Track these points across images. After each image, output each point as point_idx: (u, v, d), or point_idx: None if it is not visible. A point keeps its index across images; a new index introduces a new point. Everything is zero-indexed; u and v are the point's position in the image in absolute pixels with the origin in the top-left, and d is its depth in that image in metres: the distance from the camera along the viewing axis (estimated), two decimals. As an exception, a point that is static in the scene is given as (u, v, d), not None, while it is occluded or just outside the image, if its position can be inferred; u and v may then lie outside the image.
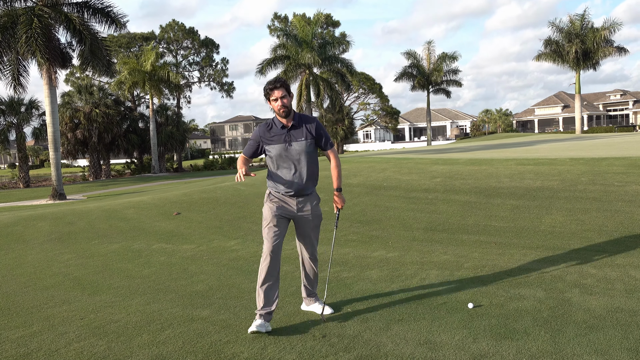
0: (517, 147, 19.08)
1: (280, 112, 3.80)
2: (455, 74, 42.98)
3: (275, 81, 3.81)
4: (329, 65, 32.37)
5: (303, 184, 3.86)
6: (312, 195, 3.98)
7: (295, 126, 3.86)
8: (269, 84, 3.82)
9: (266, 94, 3.85)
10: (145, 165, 43.30)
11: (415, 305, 4.10)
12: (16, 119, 32.55)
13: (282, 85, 3.80)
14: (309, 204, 3.94)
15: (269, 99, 3.84)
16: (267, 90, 3.83)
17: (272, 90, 3.79)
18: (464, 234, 6.66)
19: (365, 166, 12.67)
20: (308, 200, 3.95)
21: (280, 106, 3.78)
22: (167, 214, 10.30)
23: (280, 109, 3.79)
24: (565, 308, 3.84)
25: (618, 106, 73.38)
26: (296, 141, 3.83)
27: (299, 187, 3.85)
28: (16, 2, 19.96)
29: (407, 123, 78.78)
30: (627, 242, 5.72)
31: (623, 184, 7.89)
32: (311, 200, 3.96)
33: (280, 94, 3.77)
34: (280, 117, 3.83)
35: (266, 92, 3.84)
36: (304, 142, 3.84)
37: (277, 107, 3.79)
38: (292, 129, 3.85)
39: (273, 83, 3.81)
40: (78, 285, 5.57)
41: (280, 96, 3.77)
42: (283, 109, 3.79)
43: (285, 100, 3.79)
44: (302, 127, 3.87)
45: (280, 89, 3.78)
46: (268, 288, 3.74)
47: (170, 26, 47.67)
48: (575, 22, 36.97)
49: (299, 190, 3.86)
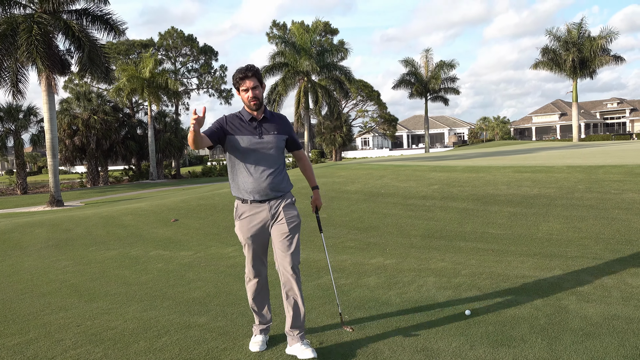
0: (514, 154, 19.13)
1: (250, 104, 3.41)
2: (453, 82, 43.15)
3: (246, 69, 3.40)
4: (327, 73, 32.51)
5: (275, 182, 3.44)
6: (286, 196, 3.54)
7: (267, 119, 3.48)
8: (239, 73, 3.40)
9: (235, 84, 3.44)
10: (143, 172, 43.27)
11: (413, 312, 4.11)
12: (14, 126, 32.56)
13: (253, 74, 3.40)
14: (282, 206, 3.48)
15: (239, 89, 3.43)
16: (236, 80, 3.42)
17: (243, 80, 3.39)
18: (461, 241, 6.67)
19: (363, 173, 12.69)
20: (282, 202, 3.50)
21: (251, 97, 3.39)
22: (164, 220, 10.29)
23: (251, 101, 3.40)
24: (562, 315, 3.85)
25: (615, 114, 73.67)
26: (268, 134, 3.44)
27: (272, 186, 3.42)
28: (16, 9, 20.03)
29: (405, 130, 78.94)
30: (624, 250, 5.74)
31: (620, 191, 7.92)
32: (285, 201, 3.51)
33: (252, 84, 3.38)
34: (250, 109, 3.44)
35: (235, 82, 3.43)
36: (277, 136, 3.47)
37: (247, 98, 3.40)
38: (264, 122, 3.47)
39: (244, 72, 3.40)
40: (75, 292, 5.56)
41: (251, 86, 3.39)
42: (254, 101, 3.40)
43: (257, 91, 3.41)
44: (274, 122, 3.50)
45: (251, 78, 3.39)
46: (259, 306, 3.60)
47: (169, 33, 47.85)
48: (572, 31, 37.20)
49: (272, 189, 3.43)
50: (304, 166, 3.77)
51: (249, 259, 3.52)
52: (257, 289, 3.58)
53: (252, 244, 3.47)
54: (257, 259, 3.52)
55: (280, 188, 3.48)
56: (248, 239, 3.46)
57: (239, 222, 3.49)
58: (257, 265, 3.54)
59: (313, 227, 7.94)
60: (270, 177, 3.42)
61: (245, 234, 3.46)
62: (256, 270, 3.54)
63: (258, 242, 3.48)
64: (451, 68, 42.03)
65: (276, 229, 3.45)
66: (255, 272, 3.53)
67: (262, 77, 3.53)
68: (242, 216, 3.47)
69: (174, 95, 40.66)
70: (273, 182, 3.43)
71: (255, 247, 3.48)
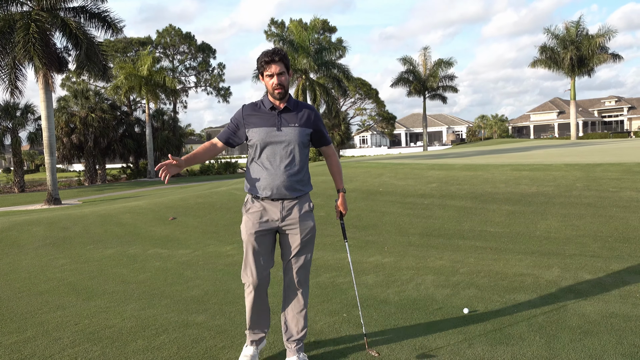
0: (512, 152, 19.15)
1: (274, 92, 3.05)
2: (451, 80, 43.15)
3: (273, 53, 3.03)
4: (325, 71, 32.49)
5: (291, 180, 3.06)
6: (302, 199, 3.16)
7: (290, 109, 3.12)
8: (265, 56, 3.02)
9: (260, 68, 3.07)
10: (141, 170, 43.21)
11: (411, 310, 4.11)
12: (11, 124, 32.47)
13: (280, 59, 3.03)
14: (297, 211, 3.11)
15: (263, 73, 3.07)
16: (261, 63, 3.04)
17: (269, 64, 3.02)
18: (459, 239, 6.67)
19: (361, 171, 12.69)
20: (297, 206, 3.12)
21: (276, 84, 3.03)
22: (162, 218, 10.27)
23: (275, 89, 3.04)
24: (560, 313, 3.85)
25: (613, 112, 73.79)
26: (288, 126, 3.07)
27: (286, 184, 3.05)
28: (13, 6, 19.96)
29: (403, 128, 78.96)
30: (622, 248, 5.75)
31: (618, 189, 7.93)
32: (301, 205, 3.14)
33: (278, 70, 3.02)
34: (274, 97, 3.08)
35: (260, 65, 3.05)
36: (298, 128, 3.08)
37: (272, 85, 3.04)
38: (285, 112, 3.11)
39: (270, 55, 3.01)
40: (73, 291, 5.55)
41: (277, 72, 3.02)
42: (278, 89, 3.03)
43: (282, 77, 3.04)
44: (299, 113, 3.13)
45: (278, 63, 3.02)
46: (257, 320, 3.24)
47: (167, 31, 47.77)
48: (570, 29, 37.23)
49: (286, 188, 3.06)
50: (332, 164, 3.38)
51: (250, 261, 3.11)
52: (257, 303, 3.16)
53: (255, 243, 3.09)
54: (258, 261, 3.11)
55: (297, 188, 3.10)
56: (251, 235, 3.09)
57: (245, 216, 3.16)
58: (259, 269, 3.11)
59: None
60: (287, 174, 3.05)
61: (249, 229, 3.10)
62: (257, 274, 3.11)
63: (262, 242, 3.11)
64: (449, 66, 42.05)
65: (288, 239, 3.13)
66: (255, 278, 3.11)
67: (289, 62, 3.12)
68: (251, 210, 3.13)
69: (172, 93, 40.57)
70: (289, 181, 3.06)
71: (258, 247, 3.10)
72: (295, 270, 3.15)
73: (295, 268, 3.15)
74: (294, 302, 3.21)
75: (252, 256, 3.11)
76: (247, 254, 3.14)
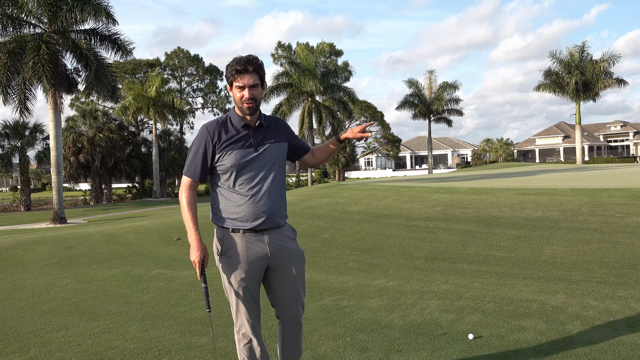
0: (518, 176, 19.11)
1: (243, 106, 2.62)
2: (457, 103, 43.35)
3: (246, 61, 2.58)
4: (331, 93, 32.81)
5: (276, 205, 2.69)
6: (285, 227, 2.79)
7: (263, 126, 2.71)
8: (238, 64, 2.57)
9: (229, 77, 2.62)
10: (146, 190, 43.39)
11: (415, 335, 4.07)
12: (20, 143, 32.83)
13: (255, 69, 2.59)
14: (286, 240, 2.75)
15: (232, 83, 2.63)
16: (232, 72, 2.60)
17: (241, 74, 2.58)
18: (464, 264, 6.64)
19: (366, 194, 12.69)
20: (284, 235, 2.76)
21: (246, 98, 2.59)
22: (167, 239, 10.28)
23: (245, 103, 2.61)
24: (567, 340, 3.81)
25: (619, 137, 73.74)
26: (264, 144, 2.68)
27: (272, 211, 2.66)
28: (26, 28, 20.37)
29: (408, 151, 79.13)
30: (629, 274, 5.70)
31: (624, 215, 7.90)
32: (287, 233, 2.79)
33: (251, 82, 2.59)
34: (243, 112, 2.65)
35: (230, 74, 2.61)
36: (277, 144, 2.72)
37: (241, 98, 2.61)
38: (259, 129, 2.70)
39: (244, 63, 2.57)
40: (76, 311, 5.54)
41: (250, 84, 2.59)
42: (249, 103, 2.61)
43: (255, 91, 2.61)
44: (272, 127, 2.76)
45: (252, 74, 2.58)
46: None
47: (176, 53, 48.54)
48: (574, 54, 37.49)
49: (272, 216, 2.67)
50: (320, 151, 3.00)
51: (243, 310, 2.68)
52: (251, 354, 2.72)
53: (248, 288, 2.67)
54: (252, 309, 2.70)
55: (282, 214, 2.75)
56: (241, 281, 2.64)
57: (226, 260, 2.69)
58: (254, 317, 2.72)
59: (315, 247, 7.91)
60: (271, 200, 2.67)
61: (238, 275, 2.65)
62: (254, 324, 2.72)
63: (254, 285, 2.70)
64: (454, 89, 42.30)
65: (281, 273, 2.73)
66: (253, 327, 2.71)
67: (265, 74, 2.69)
68: (231, 249, 2.69)
69: (179, 114, 41.00)
70: (273, 208, 2.67)
71: (251, 292, 2.69)
72: (293, 310, 2.76)
73: (293, 307, 2.76)
74: (292, 347, 2.82)
75: (245, 308, 2.68)
76: (238, 307, 2.69)
